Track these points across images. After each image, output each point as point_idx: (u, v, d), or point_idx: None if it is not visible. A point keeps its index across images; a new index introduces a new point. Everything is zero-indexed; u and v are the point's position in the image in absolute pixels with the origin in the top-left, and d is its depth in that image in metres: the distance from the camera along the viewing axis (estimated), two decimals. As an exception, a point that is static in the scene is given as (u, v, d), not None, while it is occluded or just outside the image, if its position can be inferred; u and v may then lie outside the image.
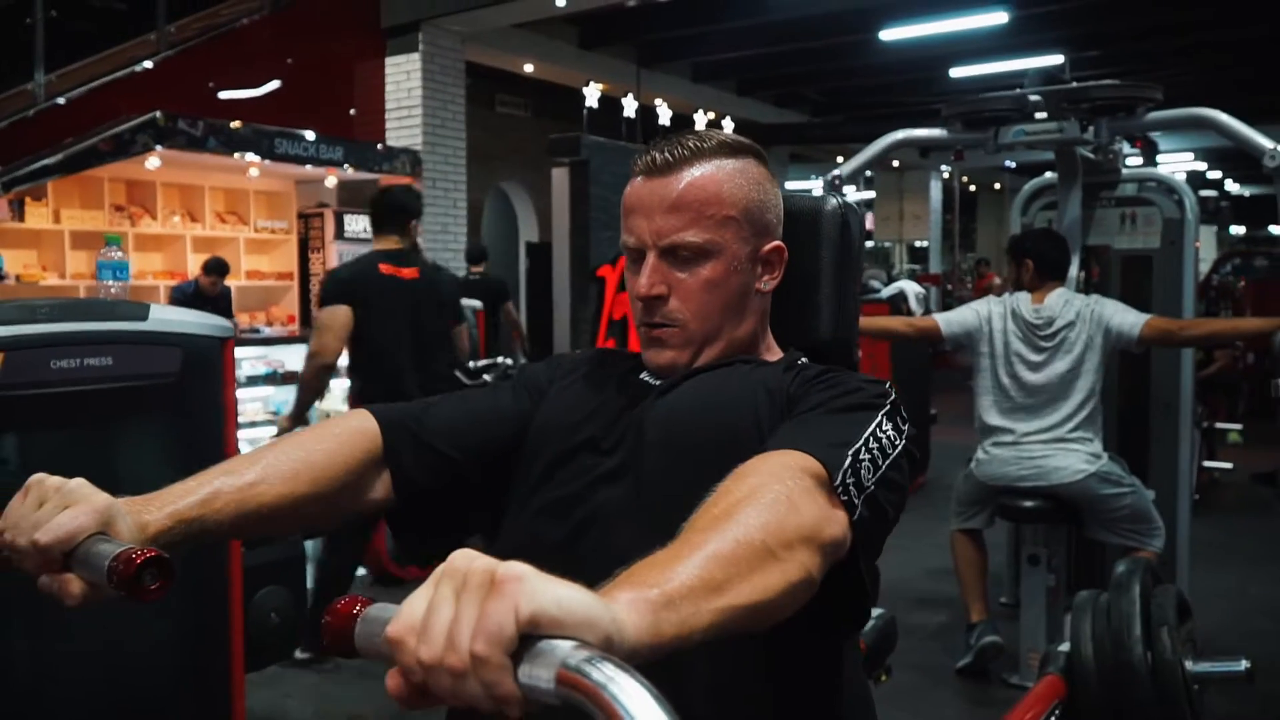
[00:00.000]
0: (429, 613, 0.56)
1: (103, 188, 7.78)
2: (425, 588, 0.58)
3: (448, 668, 0.54)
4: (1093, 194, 3.98)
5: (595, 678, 0.51)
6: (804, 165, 16.19)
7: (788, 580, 0.72)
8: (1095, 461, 3.26)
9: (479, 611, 0.54)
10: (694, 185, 1.08)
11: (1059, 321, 3.28)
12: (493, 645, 0.53)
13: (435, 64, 8.06)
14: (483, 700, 0.54)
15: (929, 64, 11.28)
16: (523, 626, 0.54)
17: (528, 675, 0.53)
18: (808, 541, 0.75)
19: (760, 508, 0.74)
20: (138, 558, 0.76)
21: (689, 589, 0.64)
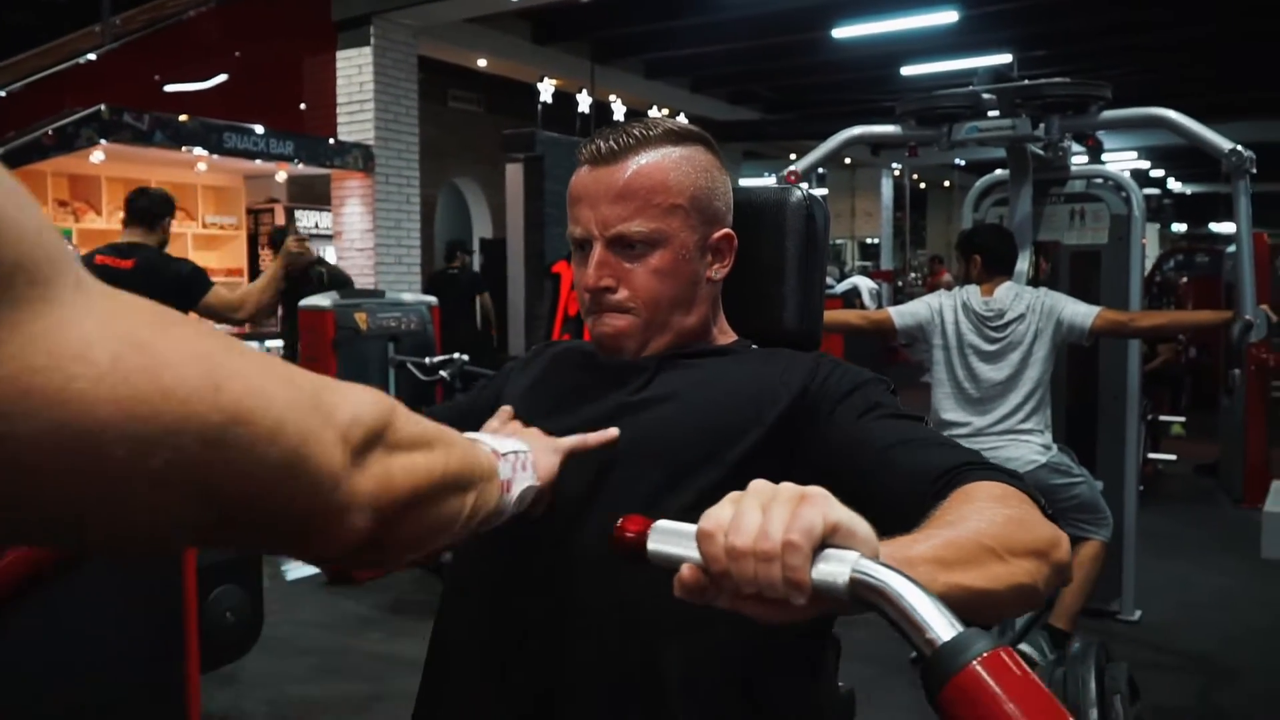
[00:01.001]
0: (739, 514, 0.63)
1: (46, 182, 7.62)
2: (724, 503, 0.65)
3: (759, 552, 0.61)
4: (1043, 190, 4.06)
5: (884, 577, 0.60)
6: (758, 163, 16.29)
7: (1014, 580, 0.75)
8: (1046, 452, 3.32)
9: (793, 510, 0.62)
10: (640, 173, 1.07)
11: (1009, 314, 3.34)
12: (805, 535, 0.61)
13: (387, 58, 7.98)
14: (777, 585, 0.61)
15: (881, 62, 11.40)
16: (827, 529, 0.62)
17: (822, 570, 0.61)
18: (1037, 555, 0.78)
19: (985, 521, 0.78)
20: None
21: (926, 559, 0.69)
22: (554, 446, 0.97)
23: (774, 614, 0.64)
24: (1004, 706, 0.53)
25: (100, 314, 0.43)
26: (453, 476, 0.71)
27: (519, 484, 0.88)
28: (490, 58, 10.16)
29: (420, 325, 4.97)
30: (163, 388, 0.44)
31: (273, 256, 5.08)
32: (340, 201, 8.19)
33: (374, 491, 0.59)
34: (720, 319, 1.20)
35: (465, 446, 0.76)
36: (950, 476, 0.89)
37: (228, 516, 0.50)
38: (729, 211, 1.17)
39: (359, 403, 0.59)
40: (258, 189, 9.17)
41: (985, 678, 0.55)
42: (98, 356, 0.42)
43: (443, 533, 0.71)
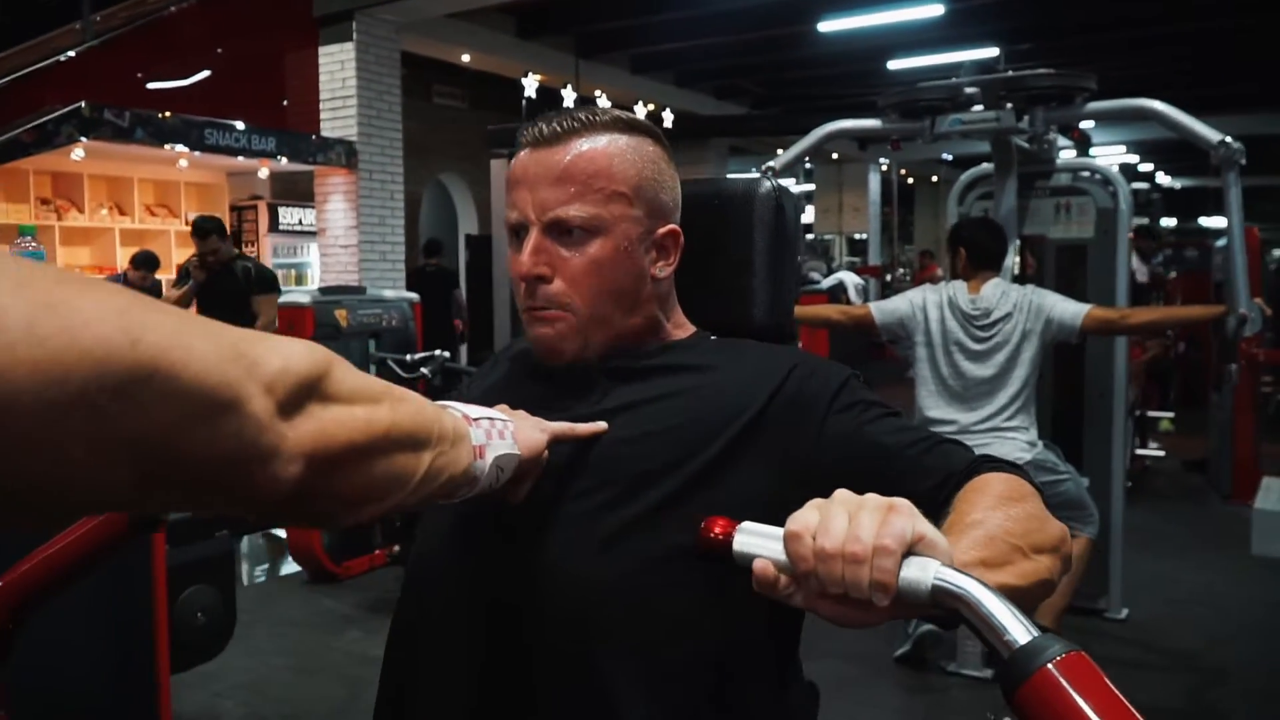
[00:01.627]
0: (827, 518, 0.67)
1: (27, 180, 7.56)
2: (809, 508, 0.69)
3: (849, 554, 0.65)
4: (1028, 184, 4.03)
5: (964, 584, 0.64)
6: (744, 158, 16.25)
7: (1039, 576, 0.79)
8: (1031, 449, 3.29)
9: (883, 518, 0.66)
10: (583, 157, 1.02)
11: (996, 313, 3.30)
12: (898, 541, 0.65)
13: (370, 54, 7.92)
14: (864, 587, 0.65)
15: (867, 56, 11.37)
16: (915, 537, 0.66)
17: (906, 576, 0.65)
18: (1053, 550, 0.82)
19: (1010, 520, 0.82)
20: None
21: (973, 562, 0.73)
22: (540, 425, 0.95)
23: (853, 614, 0.67)
24: (1078, 706, 0.57)
25: (10, 281, 0.43)
26: (403, 432, 0.68)
27: (494, 450, 0.85)
28: (474, 53, 10.10)
29: (402, 322, 4.93)
30: (80, 346, 0.44)
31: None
32: (323, 198, 8.13)
33: (304, 441, 0.57)
34: (674, 313, 1.15)
35: (419, 404, 0.74)
36: (964, 474, 0.93)
37: (155, 471, 0.49)
38: (676, 209, 1.11)
39: (289, 354, 0.57)
40: (241, 186, 9.11)
41: (1060, 679, 0.58)
42: (11, 322, 0.42)
43: (393, 491, 0.69)
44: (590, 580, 0.94)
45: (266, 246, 9.03)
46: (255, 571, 5.07)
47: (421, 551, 1.07)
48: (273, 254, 9.04)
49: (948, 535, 0.75)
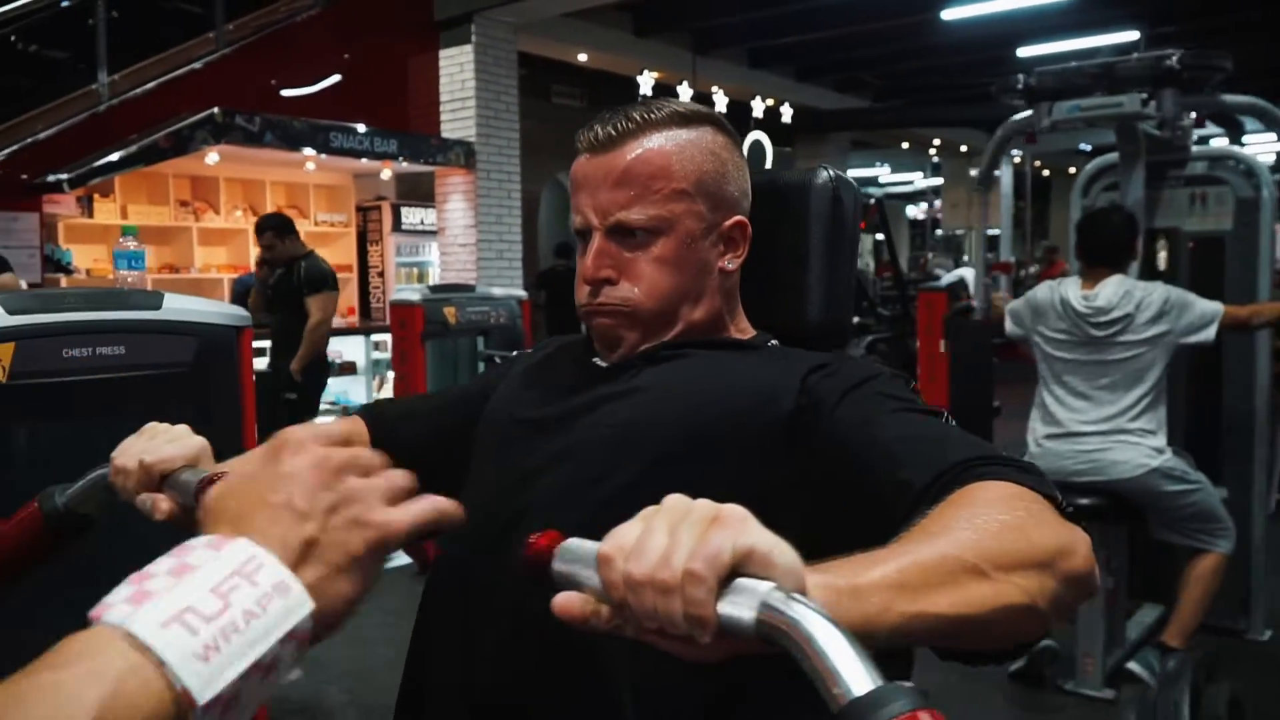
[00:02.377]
0: (644, 536, 0.57)
1: (168, 184, 7.95)
2: (634, 521, 0.59)
3: (658, 582, 0.55)
4: (1159, 173, 3.79)
5: (794, 614, 0.52)
6: (866, 152, 15.91)
7: (1001, 601, 0.65)
8: (1158, 456, 3.08)
9: (700, 534, 0.55)
10: (641, 159, 1.00)
11: (1115, 312, 3.09)
12: (709, 565, 0.54)
13: (488, 55, 8.04)
14: (678, 620, 0.55)
15: (995, 43, 10.96)
16: (737, 557, 0.55)
17: (728, 605, 0.54)
18: (1037, 567, 0.68)
19: (974, 531, 0.68)
20: (218, 477, 0.81)
21: (880, 586, 0.61)
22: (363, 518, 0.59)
23: (684, 650, 0.57)
24: None
25: None
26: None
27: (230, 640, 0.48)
28: (591, 52, 10.15)
29: (510, 319, 4.97)
30: None
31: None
32: (443, 198, 8.30)
33: None
34: (738, 315, 1.12)
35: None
36: (953, 474, 0.78)
37: None
38: (744, 198, 1.08)
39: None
40: (367, 187, 9.38)
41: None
42: None
43: None
44: None
45: (390, 246, 9.28)
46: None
47: (442, 544, 1.05)
48: (395, 253, 9.28)
49: (884, 550, 0.65)
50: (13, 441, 1.92)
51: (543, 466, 0.97)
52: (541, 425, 1.02)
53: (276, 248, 5.19)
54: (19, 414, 1.92)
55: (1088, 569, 0.71)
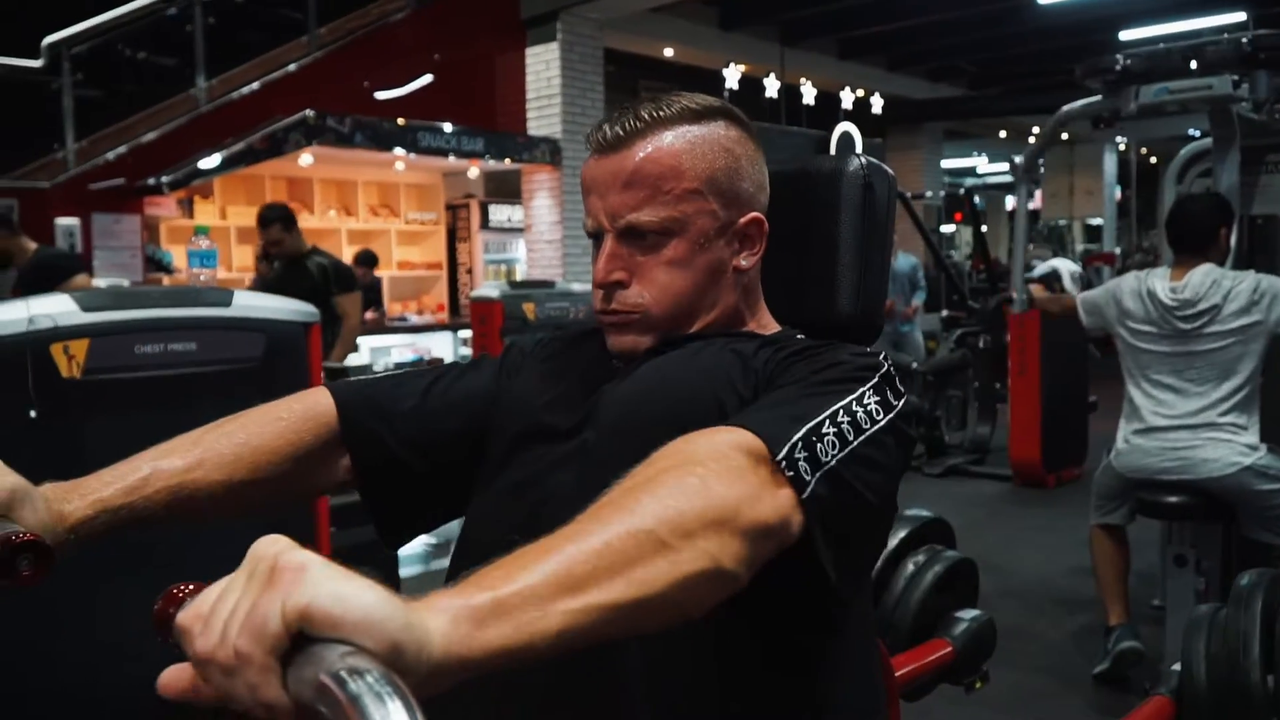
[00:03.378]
0: (218, 600, 0.51)
1: (264, 185, 8.22)
2: (222, 581, 0.53)
3: (218, 663, 0.50)
4: (1257, 158, 3.61)
5: (351, 690, 0.45)
6: (961, 141, 15.53)
7: (681, 572, 0.62)
8: (1251, 454, 2.94)
9: (250, 602, 0.49)
10: (649, 159, 0.98)
11: (1202, 304, 2.95)
12: (255, 642, 0.48)
13: (574, 52, 8.10)
14: (250, 704, 0.49)
15: (1094, 27, 10.57)
16: (292, 623, 0.48)
17: (296, 680, 0.48)
18: (717, 526, 0.65)
19: (661, 493, 0.65)
20: (15, 540, 0.75)
21: (532, 592, 0.57)
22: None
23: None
24: None
25: None
26: None
27: None
28: (677, 46, 10.13)
29: (589, 315, 4.98)
30: None
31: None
32: (530, 195, 8.40)
33: None
34: (759, 311, 1.09)
35: None
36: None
37: None
38: (760, 192, 1.05)
39: None
40: (455, 185, 9.55)
41: None
42: None
43: None
44: None
45: (478, 243, 9.42)
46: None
47: (468, 532, 1.05)
48: (484, 250, 9.42)
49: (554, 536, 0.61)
50: (86, 436, 2.00)
51: (555, 465, 0.97)
52: (556, 427, 1.01)
53: (284, 241, 4.83)
54: (92, 409, 2.00)
55: (774, 518, 0.70)
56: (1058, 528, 5.03)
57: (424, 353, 7.24)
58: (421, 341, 7.30)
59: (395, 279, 9.10)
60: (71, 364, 1.92)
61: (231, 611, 0.50)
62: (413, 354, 7.21)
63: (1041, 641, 3.67)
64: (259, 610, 0.49)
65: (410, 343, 7.25)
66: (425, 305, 9.45)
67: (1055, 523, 5.17)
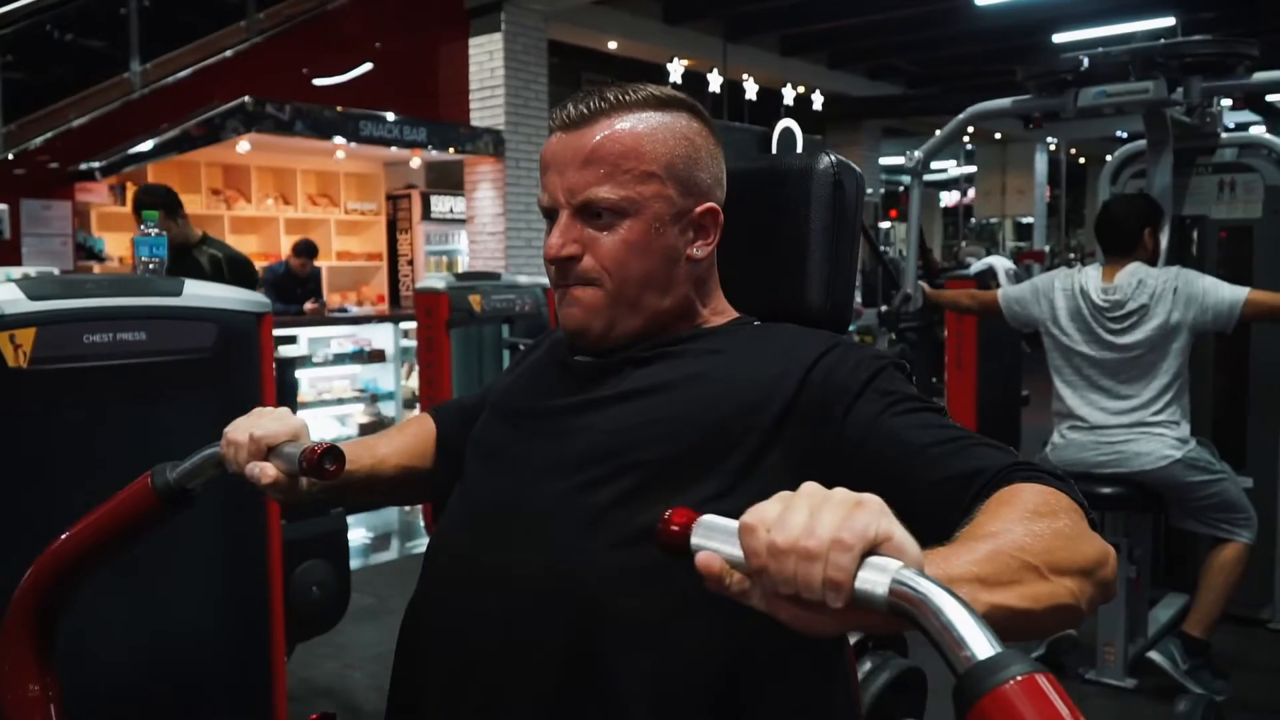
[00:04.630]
0: (786, 511, 0.61)
1: (200, 172, 8.05)
2: (772, 501, 0.63)
3: (801, 549, 0.59)
4: (1188, 160, 3.74)
5: (925, 589, 0.57)
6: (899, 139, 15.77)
7: (1055, 600, 0.71)
8: (1182, 447, 3.05)
9: (845, 513, 0.60)
10: (611, 138, 0.99)
11: (1131, 304, 3.04)
12: (858, 538, 0.59)
13: (518, 43, 8.06)
14: (815, 585, 0.59)
15: (1029, 30, 10.82)
16: (879, 536, 0.60)
17: (863, 578, 0.59)
18: (1082, 573, 0.74)
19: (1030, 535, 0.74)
20: (319, 449, 0.98)
21: (965, 577, 0.66)
22: None
23: (807, 619, 0.61)
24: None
25: None
26: None
27: None
28: (621, 40, 10.13)
29: (534, 308, 4.98)
30: None
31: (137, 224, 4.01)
32: (472, 186, 8.34)
33: None
34: (714, 299, 1.11)
35: None
36: (993, 480, 0.83)
37: None
38: (717, 185, 1.07)
39: None
40: (397, 175, 9.44)
41: (1016, 701, 0.52)
42: None
43: None
44: (585, 568, 0.91)
45: (419, 234, 9.34)
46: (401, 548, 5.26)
47: (438, 532, 1.07)
48: (425, 241, 9.34)
49: (954, 545, 0.69)
50: (34, 426, 1.96)
51: (533, 475, 0.98)
52: (531, 429, 1.02)
53: (169, 230, 4.18)
54: (41, 399, 1.95)
55: (1114, 577, 0.78)
56: (993, 518, 5.15)
57: (364, 344, 7.16)
58: (362, 333, 7.23)
59: (334, 269, 8.98)
60: (18, 353, 1.88)
61: (810, 520, 0.60)
62: (353, 345, 7.12)
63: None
64: (860, 519, 0.60)
65: (351, 334, 7.17)
66: (365, 296, 9.34)
67: (991, 514, 5.30)
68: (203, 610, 2.26)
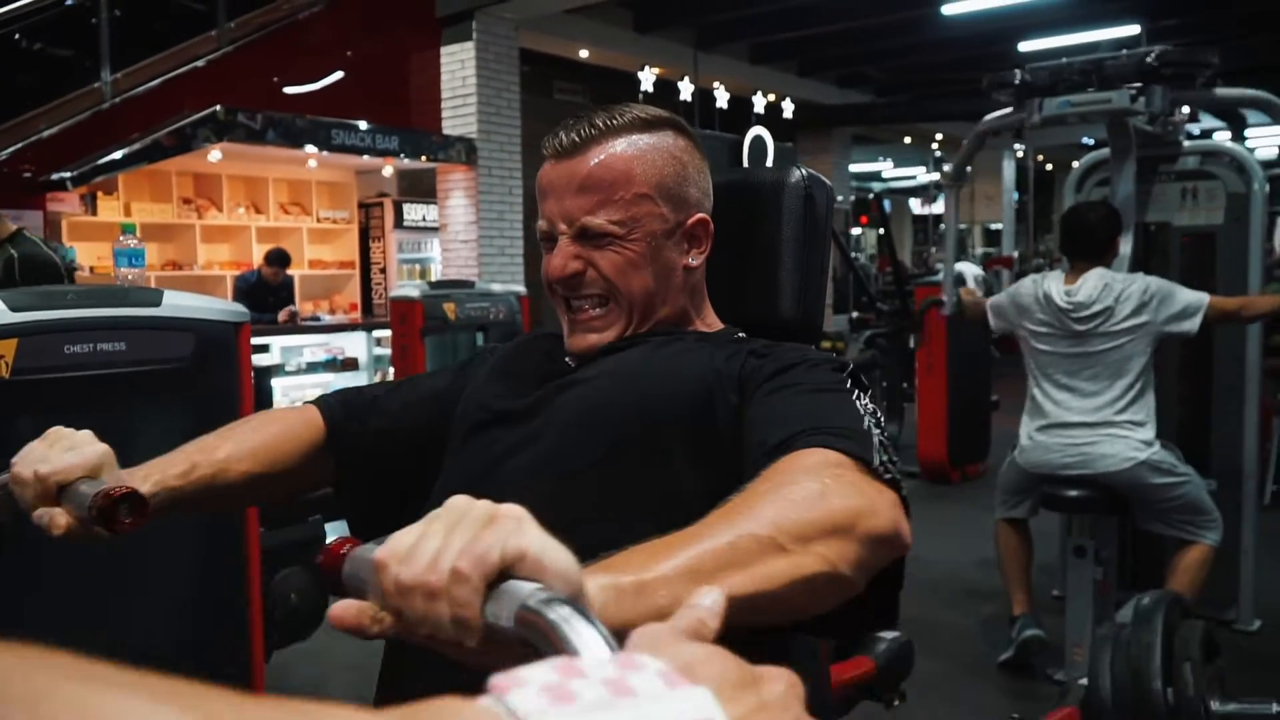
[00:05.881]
0: (418, 541, 0.57)
1: (171, 181, 8.00)
2: (415, 525, 0.59)
3: (424, 586, 0.55)
4: (1151, 168, 3.82)
5: (551, 616, 0.51)
6: (869, 146, 15.92)
7: (800, 572, 0.67)
8: (1145, 449, 3.12)
9: (471, 537, 0.55)
10: (603, 165, 1.04)
11: (1096, 306, 3.12)
12: (474, 565, 0.54)
13: (489, 52, 8.07)
14: (445, 625, 0.55)
15: (996, 38, 10.96)
16: (507, 559, 0.54)
17: (493, 610, 0.54)
18: (836, 533, 0.70)
19: (775, 503, 0.70)
20: (115, 493, 0.85)
21: (668, 578, 0.62)
22: None
23: (462, 656, 0.56)
24: None
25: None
26: None
27: None
28: (592, 48, 10.16)
29: (509, 315, 5.01)
30: None
31: None
32: (445, 194, 8.34)
33: None
34: (705, 311, 1.16)
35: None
36: (780, 448, 0.80)
37: None
38: (705, 197, 1.12)
39: None
40: (369, 184, 9.43)
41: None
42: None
43: None
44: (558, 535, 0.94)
45: (392, 242, 9.33)
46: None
47: None
48: (397, 250, 9.33)
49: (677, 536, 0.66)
50: (16, 437, 1.96)
51: (508, 452, 1.01)
52: (508, 415, 1.05)
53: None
54: (22, 409, 1.96)
55: (890, 528, 0.73)
56: (963, 521, 5.22)
57: (337, 353, 7.14)
58: (335, 341, 7.21)
59: (306, 277, 8.94)
60: (0, 364, 1.89)
61: (441, 546, 0.56)
62: (325, 354, 7.11)
63: (950, 631, 3.82)
64: (482, 542, 0.55)
65: (323, 342, 7.15)
66: (337, 305, 9.32)
67: (961, 517, 5.37)
68: (181, 618, 2.27)
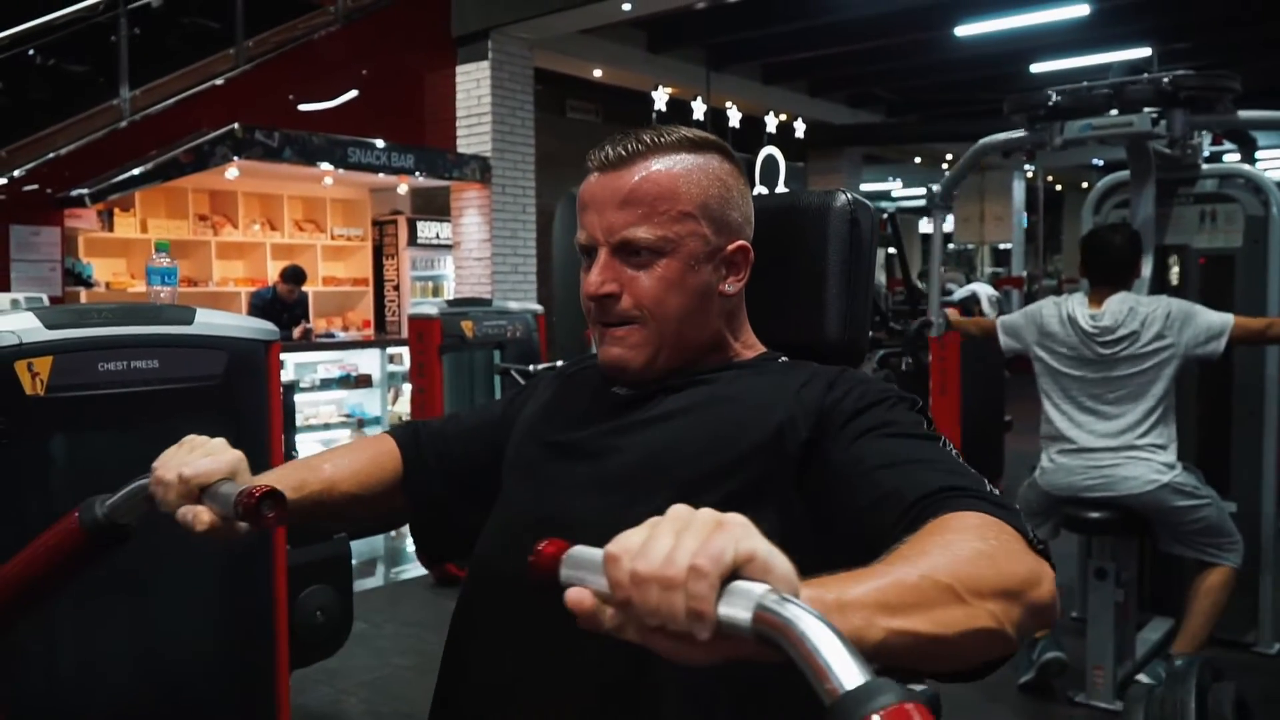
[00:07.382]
0: (650, 539, 0.60)
1: (187, 198, 8.05)
2: (639, 528, 0.62)
3: (662, 578, 0.58)
4: (1170, 191, 3.83)
5: (789, 614, 0.55)
6: (879, 166, 15.96)
7: (973, 624, 0.68)
8: (1168, 471, 3.11)
9: (704, 537, 0.59)
10: (648, 180, 1.03)
11: (1121, 330, 3.12)
12: (713, 562, 0.57)
13: (504, 71, 8.13)
14: (679, 616, 0.58)
15: (1007, 59, 11.02)
16: (740, 559, 0.58)
17: (726, 605, 0.57)
18: (1007, 596, 0.71)
19: (948, 556, 0.71)
20: (258, 492, 0.90)
21: (865, 603, 0.64)
22: None
23: (682, 651, 0.59)
24: None
25: None
26: None
27: None
28: (606, 68, 10.23)
29: (525, 333, 5.03)
30: None
31: None
32: (459, 212, 8.38)
33: None
34: (744, 333, 1.15)
35: None
36: (928, 503, 0.82)
37: None
38: (747, 224, 1.11)
39: None
40: (384, 201, 9.48)
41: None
42: None
43: None
44: None
45: (405, 260, 9.37)
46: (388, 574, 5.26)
47: (479, 553, 1.09)
48: (411, 267, 9.37)
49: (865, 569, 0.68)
50: (50, 453, 1.98)
51: (574, 492, 1.01)
52: (570, 450, 1.05)
53: None
54: (56, 426, 1.98)
55: (1050, 600, 0.75)
56: (980, 542, 5.20)
57: (351, 369, 7.18)
58: (349, 358, 7.24)
59: (320, 294, 8.98)
60: (36, 381, 1.90)
61: (674, 544, 0.59)
62: (340, 370, 7.14)
63: (970, 652, 3.80)
64: (716, 543, 0.58)
65: (338, 359, 7.19)
66: (350, 321, 9.35)
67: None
68: (207, 634, 2.27)
